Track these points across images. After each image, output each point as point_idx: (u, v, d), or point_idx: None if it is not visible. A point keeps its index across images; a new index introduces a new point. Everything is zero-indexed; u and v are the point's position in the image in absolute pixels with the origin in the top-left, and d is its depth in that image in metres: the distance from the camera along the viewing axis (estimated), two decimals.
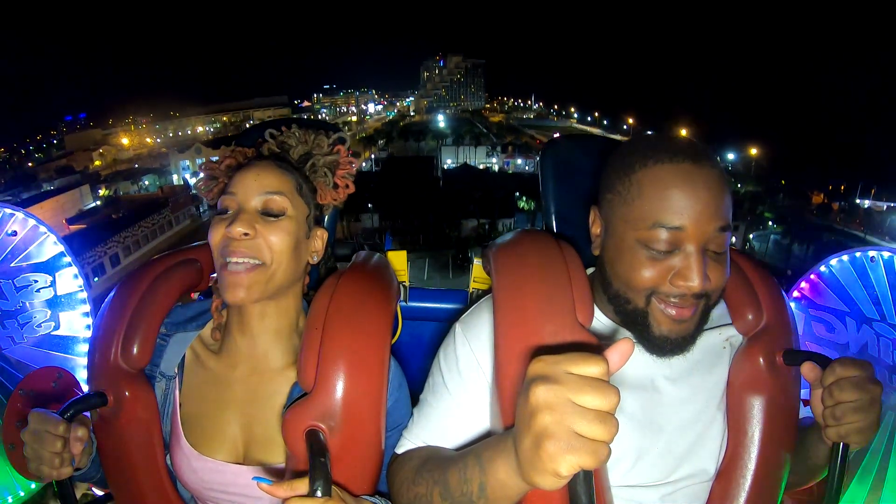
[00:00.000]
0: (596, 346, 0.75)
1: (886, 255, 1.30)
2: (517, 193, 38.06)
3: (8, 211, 1.39)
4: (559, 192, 1.19)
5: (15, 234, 1.38)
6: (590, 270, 0.95)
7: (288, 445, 0.84)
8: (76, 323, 1.44)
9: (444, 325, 1.01)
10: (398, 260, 1.33)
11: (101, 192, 44.89)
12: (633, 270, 0.79)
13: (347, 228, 34.06)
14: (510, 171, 47.50)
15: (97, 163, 60.23)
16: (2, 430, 1.01)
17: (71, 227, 31.42)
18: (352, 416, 0.83)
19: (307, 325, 0.88)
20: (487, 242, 1.05)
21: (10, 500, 1.34)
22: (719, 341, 0.93)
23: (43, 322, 1.42)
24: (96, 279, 26.26)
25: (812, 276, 1.44)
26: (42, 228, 1.42)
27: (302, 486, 0.69)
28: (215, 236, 0.90)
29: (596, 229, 0.89)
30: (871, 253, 1.32)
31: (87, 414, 0.92)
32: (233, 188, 0.92)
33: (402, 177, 40.19)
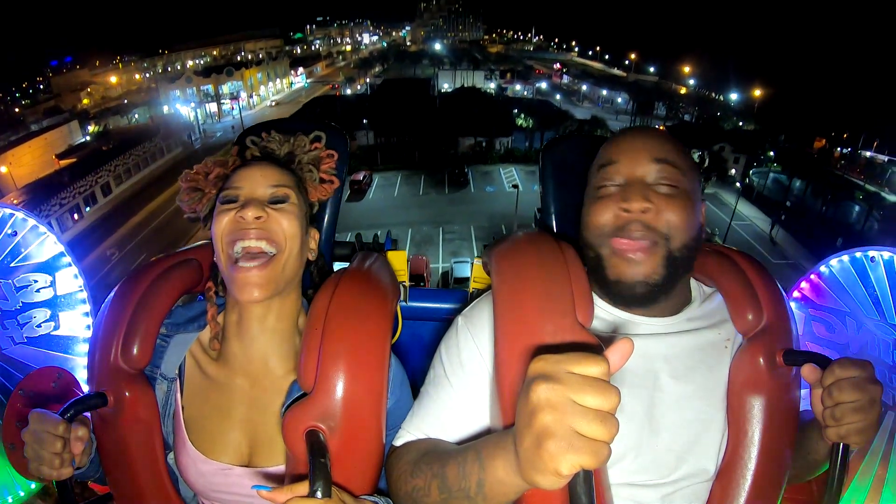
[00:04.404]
0: (596, 346, 0.75)
1: (886, 255, 1.30)
2: (515, 110, 37.61)
3: (8, 211, 1.39)
4: (559, 192, 1.18)
5: (15, 234, 1.38)
6: None
7: (288, 446, 0.84)
8: (76, 323, 1.44)
9: (443, 325, 1.01)
10: (398, 260, 1.33)
11: (91, 128, 42.45)
12: (590, 214, 0.91)
13: None
14: (509, 95, 46.66)
15: (85, 101, 56.41)
16: (2, 430, 1.00)
17: (61, 161, 29.98)
18: (352, 417, 0.83)
19: (307, 325, 0.88)
20: (489, 243, 1.05)
21: (9, 501, 1.34)
22: (720, 341, 0.93)
23: (43, 322, 1.42)
24: (88, 209, 25.65)
25: (812, 276, 1.44)
26: (42, 228, 1.41)
27: (302, 487, 0.69)
28: (222, 222, 0.90)
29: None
30: (872, 253, 1.32)
31: (88, 414, 0.92)
32: (237, 183, 0.93)
33: (397, 97, 39.08)
